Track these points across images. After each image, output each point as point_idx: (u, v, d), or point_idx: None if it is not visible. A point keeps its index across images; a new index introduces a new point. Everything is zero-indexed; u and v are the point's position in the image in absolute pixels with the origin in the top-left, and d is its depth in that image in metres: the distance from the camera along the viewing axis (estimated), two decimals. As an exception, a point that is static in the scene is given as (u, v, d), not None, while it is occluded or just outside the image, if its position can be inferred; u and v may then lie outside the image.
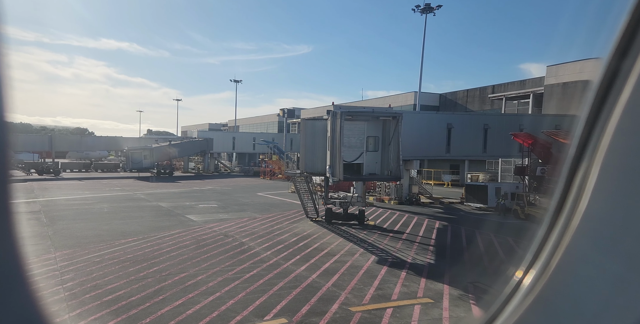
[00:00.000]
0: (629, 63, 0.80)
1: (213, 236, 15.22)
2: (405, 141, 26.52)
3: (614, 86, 0.83)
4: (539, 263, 0.95)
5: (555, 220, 0.94)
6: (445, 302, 9.40)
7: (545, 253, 0.94)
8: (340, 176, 15.81)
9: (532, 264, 0.98)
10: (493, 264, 12.97)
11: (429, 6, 39.29)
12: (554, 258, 0.91)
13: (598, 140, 0.85)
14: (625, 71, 0.80)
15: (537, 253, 0.97)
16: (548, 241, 0.94)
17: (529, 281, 0.96)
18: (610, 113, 0.83)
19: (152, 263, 11.03)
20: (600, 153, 0.84)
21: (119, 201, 24.51)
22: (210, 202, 25.53)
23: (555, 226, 0.93)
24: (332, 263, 12.22)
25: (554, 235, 0.93)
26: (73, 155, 66.34)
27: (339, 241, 15.62)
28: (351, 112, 16.49)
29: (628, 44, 0.80)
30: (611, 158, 0.82)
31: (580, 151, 0.89)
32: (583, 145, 0.89)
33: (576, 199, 0.88)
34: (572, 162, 0.91)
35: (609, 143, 0.82)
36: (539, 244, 0.97)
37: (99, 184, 36.22)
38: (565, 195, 0.92)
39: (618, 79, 0.82)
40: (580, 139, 0.89)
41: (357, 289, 9.94)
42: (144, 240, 13.83)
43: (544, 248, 0.95)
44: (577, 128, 0.90)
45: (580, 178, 0.88)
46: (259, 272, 10.67)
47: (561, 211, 0.93)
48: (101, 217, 18.26)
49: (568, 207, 0.91)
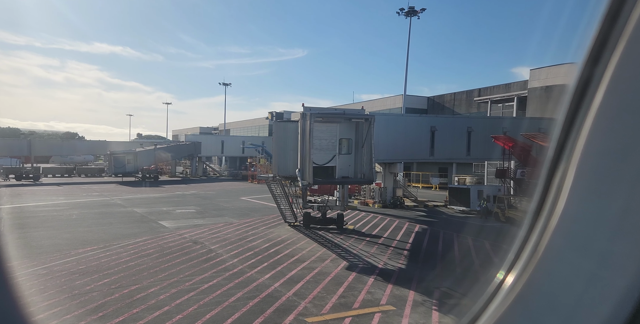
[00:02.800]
0: (601, 69, 0.83)
1: (181, 243, 14.75)
2: (388, 144, 26.51)
3: (588, 91, 0.86)
4: (520, 264, 0.97)
5: (535, 221, 0.96)
6: (407, 309, 9.11)
7: (525, 253, 0.96)
8: (310, 179, 15.45)
9: (513, 265, 1.00)
10: (465, 268, 12.76)
11: (413, 9, 39.45)
12: (534, 258, 0.93)
13: (574, 142, 0.87)
14: (598, 76, 0.83)
15: (517, 254, 0.99)
16: (528, 242, 0.97)
17: (510, 282, 0.98)
18: (585, 117, 0.86)
19: (103, 274, 10.48)
20: (576, 155, 0.87)
21: (92, 207, 23.84)
22: (189, 207, 25.00)
23: (535, 227, 0.95)
24: (299, 270, 11.86)
25: (534, 236, 0.95)
26: (57, 159, 65.04)
27: (313, 246, 15.27)
28: (321, 114, 16.10)
29: (600, 51, 0.83)
30: (586, 159, 0.85)
31: (558, 153, 0.92)
32: (561, 148, 0.92)
33: (555, 200, 0.91)
34: (551, 163, 0.94)
35: (584, 145, 0.85)
36: (520, 245, 0.99)
37: (78, 189, 35.37)
38: (545, 196, 0.95)
39: (592, 84, 0.85)
40: (558, 142, 0.92)
41: (319, 297, 9.60)
42: (104, 249, 13.28)
43: (524, 249, 0.97)
44: (555, 131, 0.93)
45: (558, 180, 0.91)
46: (219, 282, 10.25)
47: (541, 212, 0.95)
48: (66, 224, 17.62)
49: (547, 208, 0.93)
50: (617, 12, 0.82)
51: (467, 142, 29.79)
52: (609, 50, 0.82)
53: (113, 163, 46.34)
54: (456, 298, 10.18)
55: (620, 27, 0.81)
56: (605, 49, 0.83)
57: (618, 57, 0.81)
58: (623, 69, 0.81)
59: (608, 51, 0.82)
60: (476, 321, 1.04)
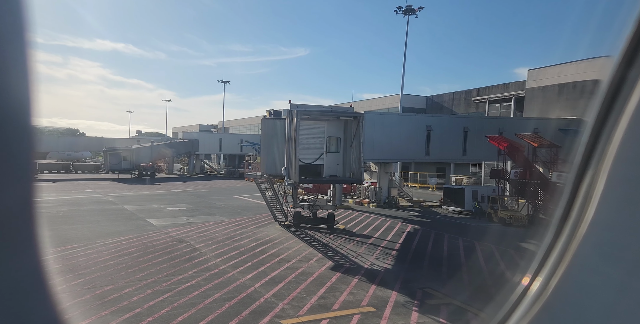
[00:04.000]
0: (636, 70, 0.81)
1: (166, 242, 14.58)
2: (383, 143, 26.29)
3: (620, 93, 0.83)
4: (545, 271, 0.96)
5: (562, 227, 0.95)
6: (388, 311, 8.94)
7: (551, 260, 0.96)
8: (296, 178, 15.23)
9: (538, 271, 0.99)
10: (451, 269, 12.59)
11: (410, 8, 39.15)
12: (561, 265, 0.92)
13: (605, 147, 0.86)
14: (633, 78, 0.81)
15: (543, 260, 0.98)
16: (554, 249, 0.96)
17: (535, 289, 0.97)
18: (617, 121, 0.83)
19: (79, 274, 10.26)
20: (607, 160, 0.85)
21: (82, 204, 23.69)
22: (181, 205, 24.85)
23: (562, 233, 0.95)
24: (282, 270, 11.69)
25: (560, 243, 0.94)
26: (54, 156, 64.90)
27: (300, 246, 15.10)
28: (308, 111, 15.82)
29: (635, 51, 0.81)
30: (618, 166, 0.83)
31: (587, 158, 0.91)
32: (589, 153, 0.90)
33: (582, 207, 0.90)
34: (579, 169, 0.92)
35: (617, 151, 0.83)
36: (545, 251, 0.99)
37: (71, 186, 35.23)
38: (572, 203, 0.94)
39: (625, 86, 0.83)
40: (587, 146, 0.90)
41: (298, 299, 9.43)
42: (85, 247, 13.09)
43: (550, 255, 0.97)
44: (584, 135, 0.91)
45: (586, 186, 0.90)
46: (198, 282, 10.07)
47: (567, 218, 0.94)
48: (51, 222, 17.43)
49: (574, 215, 0.92)
50: None
51: (463, 142, 29.55)
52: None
53: (109, 160, 46.19)
54: (438, 298, 10.03)
55: None
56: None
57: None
58: None
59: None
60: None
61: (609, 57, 0.86)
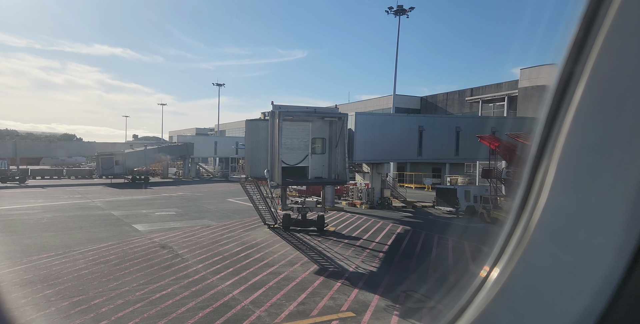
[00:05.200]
0: (580, 67, 0.86)
1: (147, 248, 14.26)
2: (375, 144, 26.05)
3: (569, 89, 0.88)
4: (504, 258, 0.98)
5: (520, 216, 0.98)
6: (367, 315, 8.69)
7: (510, 248, 0.98)
8: (279, 180, 14.95)
9: (497, 260, 1.01)
10: (437, 270, 12.36)
11: (401, 8, 39.07)
12: (517, 252, 0.95)
13: (556, 139, 0.90)
14: (578, 74, 0.86)
15: (502, 249, 1.01)
16: (513, 237, 0.98)
17: (494, 276, 1.00)
18: (565, 114, 0.88)
19: (49, 284, 9.86)
20: (557, 151, 0.90)
21: (68, 210, 23.29)
22: (170, 210, 24.52)
23: (520, 222, 0.97)
24: (264, 275, 11.41)
25: (518, 231, 0.97)
26: (48, 161, 64.39)
27: (286, 249, 14.83)
28: (291, 112, 15.51)
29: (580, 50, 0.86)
30: (567, 155, 0.88)
31: (541, 150, 0.95)
32: (543, 144, 0.94)
33: (537, 195, 0.93)
34: (534, 160, 0.96)
35: (564, 141, 0.88)
36: (505, 240, 1.01)
37: (61, 191, 34.81)
38: (528, 192, 0.97)
39: (572, 82, 0.88)
40: (541, 138, 0.95)
41: (277, 305, 9.16)
42: (62, 255, 12.71)
43: (508, 243, 0.99)
44: (538, 128, 0.96)
45: (541, 176, 0.94)
46: (174, 291, 9.75)
47: (525, 207, 0.97)
48: (31, 229, 17.08)
49: (531, 203, 0.95)
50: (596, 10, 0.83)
51: (456, 142, 29.38)
52: (588, 48, 0.84)
53: (101, 165, 45.79)
54: (421, 301, 9.78)
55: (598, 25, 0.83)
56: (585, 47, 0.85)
57: (596, 54, 0.83)
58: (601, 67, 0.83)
59: (587, 49, 0.84)
60: (462, 314, 1.06)
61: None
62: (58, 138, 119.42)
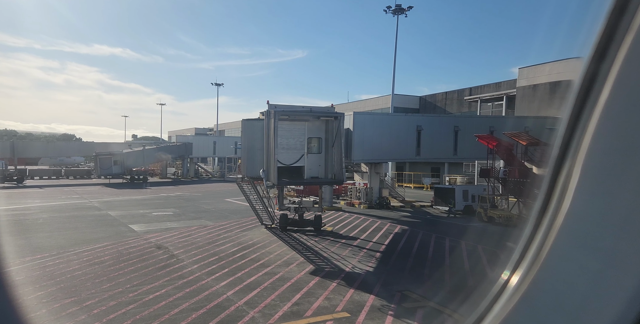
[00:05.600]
0: (607, 65, 0.83)
1: (143, 248, 14.20)
2: (374, 143, 25.98)
3: (593, 88, 0.86)
4: (525, 263, 0.97)
5: (540, 220, 0.96)
6: (362, 316, 8.64)
7: (531, 253, 0.96)
8: (274, 180, 14.88)
9: (518, 264, 0.99)
10: (434, 270, 12.32)
11: (400, 7, 39.00)
12: (539, 257, 0.93)
13: (579, 141, 0.88)
14: (604, 73, 0.83)
15: (522, 254, 0.99)
16: (534, 242, 0.96)
17: (515, 282, 0.97)
18: (590, 115, 0.86)
19: (41, 286, 9.75)
20: (581, 153, 0.87)
21: (65, 210, 23.21)
22: (168, 210, 24.47)
23: (540, 226, 0.95)
24: (260, 276, 11.36)
25: (539, 235, 0.95)
26: (47, 161, 64.28)
27: (283, 250, 14.78)
28: (286, 112, 15.40)
29: (606, 47, 0.83)
30: (592, 158, 0.85)
31: (563, 151, 0.92)
32: (566, 146, 0.91)
33: (560, 199, 0.91)
34: (556, 162, 0.94)
35: (589, 143, 0.85)
36: (525, 244, 0.99)
37: (59, 192, 34.73)
38: (550, 195, 0.95)
39: (597, 81, 0.85)
40: (563, 140, 0.92)
41: (271, 306, 9.11)
42: (56, 256, 12.62)
43: (529, 248, 0.97)
44: (560, 129, 0.93)
45: (563, 178, 0.91)
46: (168, 292, 9.69)
47: (546, 211, 0.95)
48: (27, 230, 16.99)
49: (553, 207, 0.93)
50: (624, 6, 0.81)
51: (454, 142, 29.33)
52: (615, 46, 0.82)
53: (99, 165, 45.71)
54: (416, 300, 9.74)
55: (626, 22, 0.80)
56: (612, 44, 0.83)
57: (624, 53, 0.81)
58: (629, 65, 0.80)
59: (614, 47, 0.82)
60: (481, 321, 1.03)
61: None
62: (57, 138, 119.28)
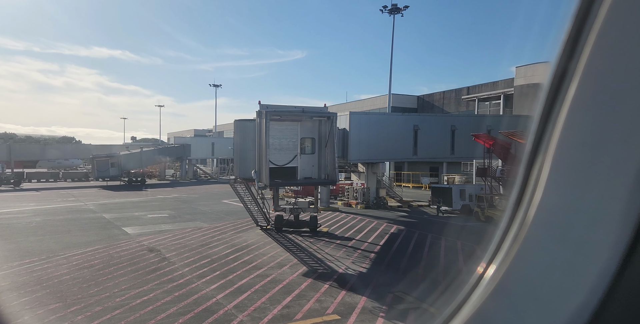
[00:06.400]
0: (574, 64, 0.87)
1: (134, 252, 14.05)
2: (370, 143, 25.85)
3: (562, 85, 0.89)
4: (501, 255, 0.99)
5: (515, 212, 0.98)
6: (353, 318, 8.51)
7: (506, 245, 0.98)
8: (266, 181, 14.74)
9: (494, 256, 1.01)
10: (428, 270, 12.18)
11: (396, 7, 38.89)
12: (513, 248, 0.95)
13: (550, 135, 0.91)
14: (571, 71, 0.87)
15: (498, 246, 1.01)
16: (509, 234, 0.98)
17: (491, 273, 1.00)
18: (560, 111, 0.89)
19: (26, 292, 9.57)
20: (552, 147, 0.90)
21: (59, 213, 23.05)
22: (163, 212, 24.32)
23: (515, 218, 0.98)
24: (251, 278, 11.23)
25: (514, 227, 0.97)
26: (45, 164, 64.12)
27: (277, 251, 14.64)
28: (278, 112, 15.26)
29: (573, 47, 0.87)
30: (562, 152, 0.88)
31: (536, 147, 0.95)
32: (538, 141, 0.95)
33: (533, 192, 0.94)
34: (529, 157, 0.97)
35: (559, 138, 0.88)
36: (501, 237, 1.01)
37: (55, 195, 34.58)
38: (524, 189, 0.97)
39: (566, 79, 0.88)
40: (536, 135, 0.95)
41: (261, 309, 8.97)
42: (46, 260, 12.46)
43: (505, 240, 0.99)
44: (532, 125, 0.96)
45: (536, 172, 0.94)
46: (156, 296, 9.54)
47: (520, 204, 0.97)
48: (18, 233, 16.83)
49: (526, 200, 0.95)
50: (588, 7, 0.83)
51: (451, 141, 29.22)
52: (581, 45, 0.85)
53: (96, 167, 45.56)
54: (408, 301, 9.60)
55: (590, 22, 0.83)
56: (578, 44, 0.85)
57: (589, 51, 0.84)
58: (594, 63, 0.83)
59: (580, 46, 0.85)
60: (458, 311, 1.05)
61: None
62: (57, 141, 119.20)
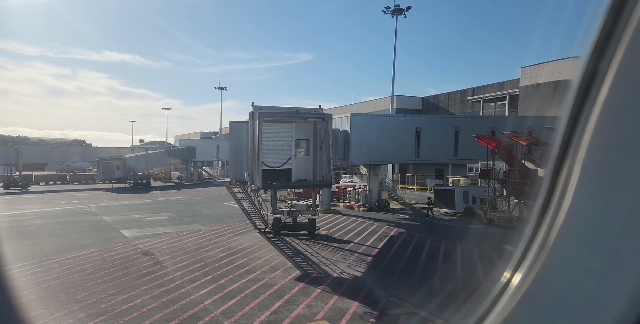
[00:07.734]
0: (605, 63, 0.83)
1: (128, 255, 13.99)
2: (372, 145, 25.60)
3: (592, 86, 0.85)
4: (527, 263, 0.96)
5: (542, 219, 0.95)
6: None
7: (532, 252, 0.95)
8: (259, 183, 14.57)
9: (519, 264, 0.99)
10: (424, 274, 11.87)
11: (398, 8, 38.61)
12: (540, 256, 0.92)
13: (580, 138, 0.87)
14: (603, 71, 0.83)
15: (524, 253, 0.98)
16: (535, 241, 0.95)
17: (516, 281, 0.97)
18: (590, 113, 0.85)
19: None
20: (581, 151, 0.86)
21: (60, 216, 23.21)
22: (164, 214, 24.35)
23: (542, 225, 0.95)
24: (243, 283, 11.06)
25: (540, 235, 0.94)
26: (53, 166, 65.07)
27: (272, 255, 14.46)
28: (271, 113, 15.05)
29: (604, 45, 0.83)
30: (592, 156, 0.85)
31: (564, 150, 0.92)
32: (566, 144, 0.91)
33: (561, 197, 0.90)
34: (556, 161, 0.93)
35: (590, 141, 0.84)
36: (526, 244, 0.98)
37: (60, 197, 34.96)
38: (551, 194, 0.94)
39: (596, 79, 0.85)
40: (563, 138, 0.92)
41: (248, 315, 8.79)
42: (37, 264, 12.45)
43: (531, 247, 0.96)
44: (560, 127, 0.92)
45: (564, 177, 0.90)
46: (143, 301, 9.42)
47: (547, 210, 0.94)
48: (16, 236, 16.92)
49: (554, 206, 0.91)
50: (622, 4, 0.81)
51: (455, 142, 28.78)
52: (614, 44, 0.82)
53: (102, 170, 46.03)
54: (401, 307, 9.32)
55: (624, 20, 0.81)
56: (610, 42, 0.83)
57: (623, 50, 0.81)
58: (628, 63, 0.80)
59: (612, 45, 0.82)
60: (483, 321, 1.03)
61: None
62: (68, 144, 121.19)
